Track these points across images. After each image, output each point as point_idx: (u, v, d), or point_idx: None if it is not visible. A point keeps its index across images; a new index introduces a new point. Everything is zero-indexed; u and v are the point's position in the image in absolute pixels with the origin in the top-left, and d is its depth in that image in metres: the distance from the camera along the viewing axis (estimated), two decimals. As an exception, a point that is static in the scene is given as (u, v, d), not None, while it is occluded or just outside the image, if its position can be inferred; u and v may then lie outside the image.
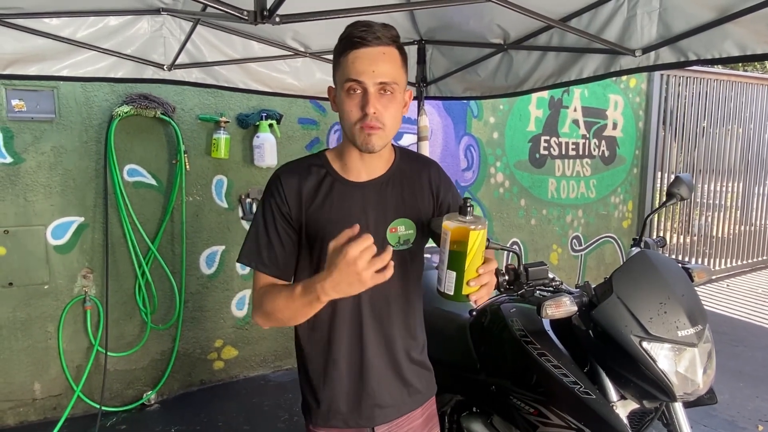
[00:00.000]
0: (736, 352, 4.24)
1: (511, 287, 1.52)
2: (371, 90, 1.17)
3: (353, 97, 1.19)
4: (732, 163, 6.77)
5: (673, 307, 1.38)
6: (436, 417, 1.47)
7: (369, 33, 1.17)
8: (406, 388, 1.36)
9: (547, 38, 2.30)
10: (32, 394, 3.11)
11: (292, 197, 1.26)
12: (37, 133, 2.96)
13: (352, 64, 1.17)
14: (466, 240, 1.03)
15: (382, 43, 1.18)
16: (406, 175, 1.35)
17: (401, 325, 1.34)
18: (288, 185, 1.27)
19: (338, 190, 1.27)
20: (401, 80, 1.23)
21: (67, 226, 3.09)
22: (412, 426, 1.38)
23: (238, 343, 3.72)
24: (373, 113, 1.17)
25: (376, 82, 1.17)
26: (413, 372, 1.38)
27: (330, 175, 1.29)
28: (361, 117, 1.18)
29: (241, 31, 2.53)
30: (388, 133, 1.22)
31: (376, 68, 1.16)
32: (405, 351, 1.35)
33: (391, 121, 1.21)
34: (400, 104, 1.24)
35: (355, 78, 1.17)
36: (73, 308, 3.14)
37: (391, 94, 1.19)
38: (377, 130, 1.19)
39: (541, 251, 5.15)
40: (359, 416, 1.33)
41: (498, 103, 4.65)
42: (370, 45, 1.17)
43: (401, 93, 1.24)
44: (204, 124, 3.40)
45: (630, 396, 1.49)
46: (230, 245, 3.58)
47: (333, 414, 1.33)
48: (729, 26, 1.70)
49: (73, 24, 2.22)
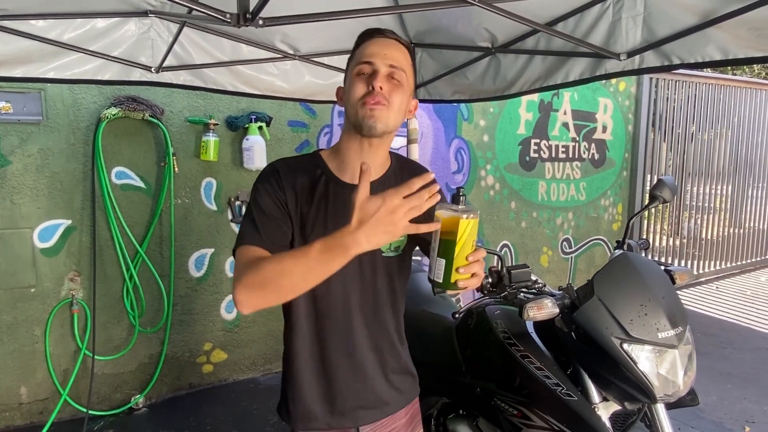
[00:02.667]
0: (724, 354, 4.27)
1: (494, 289, 1.53)
2: (382, 70, 1.18)
3: (361, 77, 1.19)
4: (721, 165, 6.82)
5: (653, 309, 1.39)
6: (419, 416, 1.48)
7: (384, 30, 1.24)
8: (391, 389, 1.37)
9: (534, 42, 2.32)
10: (18, 399, 3.09)
11: (288, 189, 1.23)
12: (23, 136, 2.94)
13: (365, 49, 1.21)
14: (456, 229, 1.03)
15: (395, 38, 1.24)
16: (400, 182, 1.33)
17: (388, 327, 1.34)
18: (285, 177, 1.24)
19: (333, 192, 1.25)
20: (410, 75, 1.24)
21: (54, 229, 3.07)
22: (396, 425, 1.40)
23: (228, 347, 3.70)
24: (379, 87, 1.17)
25: (387, 64, 1.19)
26: (398, 374, 1.39)
27: (325, 175, 1.27)
28: (366, 92, 1.17)
29: (229, 34, 2.53)
30: (392, 115, 1.20)
31: (388, 52, 1.19)
32: (391, 354, 1.36)
33: (396, 104, 1.19)
34: (406, 99, 1.23)
35: (366, 60, 1.19)
36: (60, 311, 3.12)
37: (399, 83, 1.20)
38: (381, 106, 1.17)
39: (532, 254, 5.16)
40: (343, 417, 1.33)
41: (488, 106, 4.67)
42: (384, 36, 1.23)
43: (409, 89, 1.24)
44: (193, 126, 3.39)
45: (612, 398, 1.50)
46: (219, 248, 3.57)
47: (315, 415, 1.32)
48: (711, 31, 1.72)
49: (60, 26, 2.20)
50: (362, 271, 1.27)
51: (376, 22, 2.54)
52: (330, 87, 2.94)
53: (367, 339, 1.31)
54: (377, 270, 1.28)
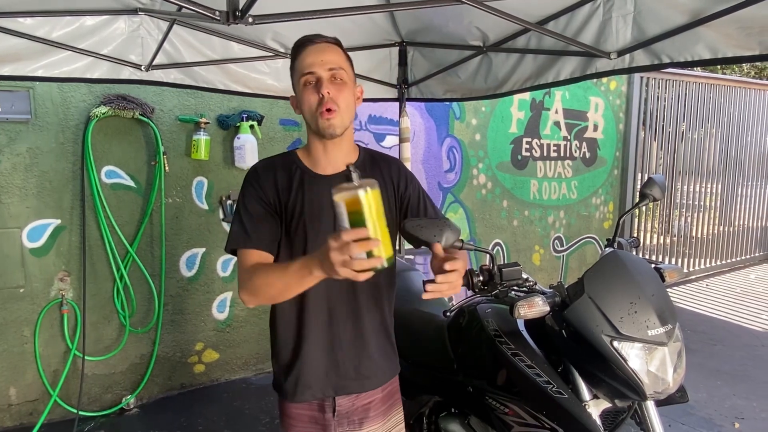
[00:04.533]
0: (714, 351, 4.30)
1: (485, 288, 1.53)
2: (324, 76, 1.33)
3: (309, 88, 1.34)
4: (711, 164, 6.88)
5: (643, 306, 1.40)
6: (398, 394, 1.58)
7: (314, 36, 1.37)
8: (371, 365, 1.46)
9: (525, 41, 2.32)
10: (8, 400, 3.06)
11: (270, 188, 1.40)
12: (12, 134, 2.91)
13: (303, 61, 1.35)
14: (360, 207, 1.01)
15: (325, 40, 1.37)
16: (368, 172, 1.46)
17: (369, 307, 1.45)
18: (265, 177, 1.42)
19: (308, 182, 1.41)
20: (348, 70, 1.38)
21: (44, 229, 3.05)
22: (373, 400, 1.50)
23: (220, 346, 3.69)
24: (327, 93, 1.31)
25: (326, 68, 1.33)
26: (378, 351, 1.48)
27: (299, 168, 1.44)
28: (318, 101, 1.33)
29: (219, 32, 2.52)
30: (344, 115, 1.35)
31: (324, 57, 1.34)
32: (371, 331, 1.46)
33: (344, 104, 1.35)
34: (352, 92, 1.39)
35: (308, 71, 1.33)
36: (49, 312, 3.09)
37: (341, 81, 1.35)
38: (333, 112, 1.33)
39: (524, 252, 5.18)
40: (326, 387, 1.44)
41: (480, 105, 4.67)
42: (315, 42, 1.36)
43: (351, 82, 1.39)
44: (184, 125, 3.38)
45: (602, 395, 1.51)
46: (211, 247, 3.55)
47: (302, 388, 1.43)
48: (701, 29, 1.73)
49: (49, 23, 2.19)
50: None
51: (367, 20, 2.54)
52: (321, 85, 2.93)
53: (346, 315, 1.42)
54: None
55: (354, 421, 1.47)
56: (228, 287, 3.66)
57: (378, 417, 1.50)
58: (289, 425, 1.48)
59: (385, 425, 1.52)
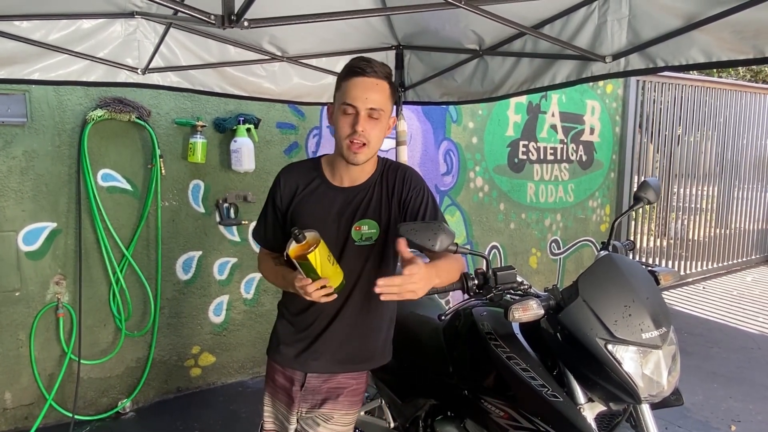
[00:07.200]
0: (710, 353, 4.31)
1: (480, 291, 1.54)
2: (362, 113, 1.45)
3: (347, 117, 1.47)
4: (707, 167, 6.90)
5: (637, 309, 1.40)
6: (362, 396, 1.73)
7: (367, 66, 1.45)
8: (352, 352, 1.64)
9: (521, 44, 2.33)
10: (3, 404, 3.04)
11: (288, 193, 1.61)
12: (7, 138, 2.91)
13: (349, 90, 1.46)
14: (306, 260, 1.32)
15: (377, 76, 1.46)
16: (383, 184, 1.60)
17: (361, 304, 1.60)
18: (286, 182, 1.62)
19: (322, 191, 1.59)
20: (388, 108, 1.51)
21: (39, 232, 3.04)
22: (340, 382, 1.65)
23: (216, 350, 3.68)
24: (361, 131, 1.44)
25: (367, 107, 1.44)
26: (363, 345, 1.65)
27: (319, 177, 1.61)
28: (350, 133, 1.46)
29: (216, 35, 2.52)
30: (372, 149, 1.51)
31: (368, 96, 1.44)
32: (356, 324, 1.62)
33: (375, 140, 1.50)
34: (385, 127, 1.52)
35: (350, 102, 1.45)
36: (45, 315, 3.08)
37: (377, 119, 1.47)
38: (362, 147, 1.47)
39: (521, 255, 5.18)
40: (298, 362, 1.65)
41: (477, 108, 4.68)
42: (366, 75, 1.45)
43: (387, 119, 1.52)
44: (180, 128, 3.37)
45: (597, 398, 1.50)
46: (207, 250, 3.55)
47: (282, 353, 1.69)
48: (695, 33, 1.74)
49: (45, 27, 2.18)
50: (339, 252, 1.56)
51: (364, 23, 2.54)
52: (318, 89, 2.93)
53: (336, 306, 1.58)
54: (348, 254, 1.57)
55: (317, 401, 1.64)
56: (224, 290, 3.65)
57: (339, 406, 1.64)
58: (267, 377, 1.81)
59: (345, 417, 1.66)
